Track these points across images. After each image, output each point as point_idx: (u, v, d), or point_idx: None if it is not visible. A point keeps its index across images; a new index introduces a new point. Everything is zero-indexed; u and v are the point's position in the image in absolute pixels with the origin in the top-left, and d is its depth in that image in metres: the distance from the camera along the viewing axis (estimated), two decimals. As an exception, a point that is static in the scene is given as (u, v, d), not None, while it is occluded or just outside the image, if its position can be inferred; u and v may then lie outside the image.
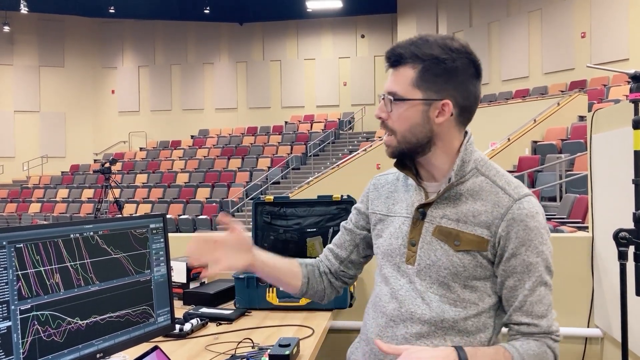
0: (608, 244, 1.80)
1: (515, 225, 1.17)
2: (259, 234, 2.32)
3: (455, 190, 1.22)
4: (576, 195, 6.69)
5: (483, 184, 1.22)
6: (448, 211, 1.22)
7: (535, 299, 1.18)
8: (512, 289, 1.19)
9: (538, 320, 1.18)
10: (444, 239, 1.20)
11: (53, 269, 1.17)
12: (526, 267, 1.18)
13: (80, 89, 20.16)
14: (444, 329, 1.19)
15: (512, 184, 1.23)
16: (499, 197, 1.20)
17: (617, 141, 1.81)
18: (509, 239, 1.17)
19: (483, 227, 1.19)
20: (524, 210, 1.18)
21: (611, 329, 1.91)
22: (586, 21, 13.50)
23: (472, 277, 1.20)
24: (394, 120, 1.22)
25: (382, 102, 1.23)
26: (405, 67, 1.20)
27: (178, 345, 1.61)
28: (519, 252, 1.17)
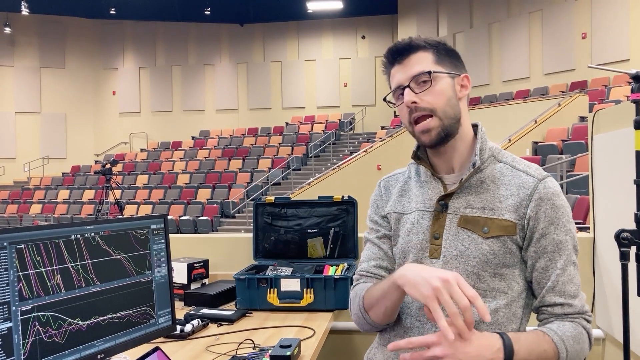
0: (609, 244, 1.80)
1: (543, 205, 1.17)
2: (260, 235, 2.32)
3: (476, 179, 1.21)
4: (577, 196, 6.68)
5: (503, 170, 1.23)
6: (471, 200, 1.21)
7: (566, 278, 1.17)
8: (544, 270, 1.18)
9: (572, 300, 1.17)
10: (472, 228, 1.19)
11: (54, 269, 1.16)
12: (556, 246, 1.17)
13: (81, 90, 20.19)
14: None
15: (532, 166, 1.24)
16: (523, 180, 1.20)
17: (619, 142, 1.81)
18: (539, 219, 1.17)
19: (511, 211, 1.18)
20: (549, 189, 1.19)
21: (613, 330, 1.91)
22: (587, 22, 13.50)
23: (502, 264, 1.18)
24: (429, 98, 1.21)
25: (407, 91, 1.21)
26: (418, 53, 1.23)
27: (179, 346, 1.61)
28: (548, 232, 1.17)
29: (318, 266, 2.16)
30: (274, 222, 2.31)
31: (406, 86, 1.22)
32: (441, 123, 1.21)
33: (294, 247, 2.27)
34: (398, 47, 1.24)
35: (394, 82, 1.25)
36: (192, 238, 2.58)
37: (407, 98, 1.21)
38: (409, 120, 1.24)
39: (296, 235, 2.27)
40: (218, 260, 2.39)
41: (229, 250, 2.42)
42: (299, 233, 2.26)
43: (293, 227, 2.28)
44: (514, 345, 1.08)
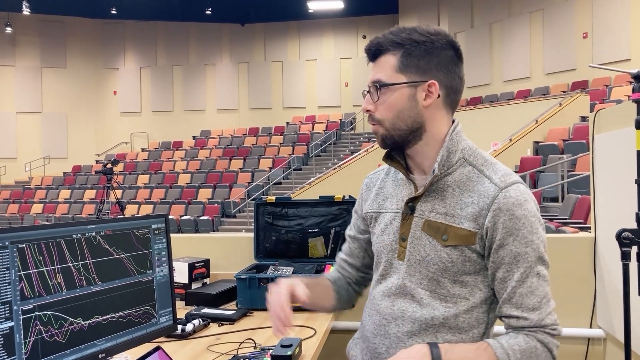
0: (611, 244, 1.80)
1: (501, 215, 1.13)
2: (261, 235, 2.32)
3: (442, 182, 1.19)
4: (578, 196, 6.68)
5: (470, 174, 1.19)
6: (437, 205, 1.19)
7: (525, 290, 1.14)
8: (502, 281, 1.15)
9: (528, 313, 1.14)
10: (433, 234, 1.18)
11: (55, 269, 1.17)
12: (514, 258, 1.14)
13: (82, 89, 20.20)
14: (434, 326, 1.17)
15: (499, 172, 1.19)
16: (485, 187, 1.16)
17: (620, 141, 1.81)
18: (496, 230, 1.14)
19: (470, 220, 1.15)
20: (510, 198, 1.14)
21: (614, 330, 1.91)
22: (588, 21, 13.48)
23: (462, 272, 1.17)
24: (380, 110, 1.20)
25: (367, 96, 1.22)
26: (386, 56, 1.19)
27: (180, 346, 1.61)
28: (506, 243, 1.13)
29: (319, 266, 2.16)
30: (275, 222, 2.31)
31: (366, 92, 1.22)
32: (387, 133, 1.21)
33: (295, 246, 2.27)
34: (369, 47, 1.22)
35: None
36: (193, 238, 2.58)
37: (363, 105, 1.23)
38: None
39: (297, 235, 2.27)
40: (219, 260, 2.39)
41: (230, 250, 2.42)
42: (299, 233, 2.26)
43: (294, 227, 2.28)
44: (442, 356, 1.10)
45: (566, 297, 2.10)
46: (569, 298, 2.09)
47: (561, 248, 2.12)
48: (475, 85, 15.83)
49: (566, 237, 2.22)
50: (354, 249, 1.44)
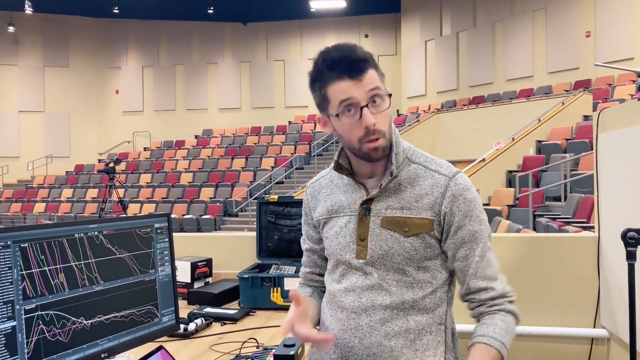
0: (615, 243, 1.79)
1: (456, 200, 1.25)
2: (264, 234, 2.31)
3: (393, 182, 1.28)
4: (581, 195, 6.66)
5: (417, 171, 1.29)
6: (391, 202, 1.27)
7: (485, 263, 1.27)
8: (464, 259, 1.27)
9: (493, 283, 1.26)
10: (393, 228, 1.26)
11: (58, 268, 1.16)
12: (473, 236, 1.26)
13: (84, 89, 20.22)
14: (405, 310, 1.25)
15: (443, 165, 1.31)
16: (435, 179, 1.28)
17: (624, 140, 1.80)
18: (453, 213, 1.25)
19: (427, 209, 1.26)
20: (460, 185, 1.27)
21: (618, 330, 1.90)
22: (591, 20, 13.45)
23: (424, 258, 1.26)
24: (381, 121, 1.23)
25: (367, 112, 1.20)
26: (370, 70, 1.21)
27: (182, 345, 1.61)
28: (464, 224, 1.26)
29: (321, 265, 2.15)
30: (278, 221, 2.30)
31: (364, 106, 1.20)
32: (386, 143, 1.26)
33: (297, 246, 2.26)
34: (353, 59, 1.20)
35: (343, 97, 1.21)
36: (195, 237, 2.58)
37: (368, 120, 1.20)
38: (359, 140, 1.23)
39: (299, 234, 2.26)
40: (221, 259, 2.39)
41: (233, 249, 2.42)
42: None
43: (296, 226, 2.27)
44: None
45: (570, 296, 2.09)
46: (572, 298, 2.08)
47: (564, 247, 2.11)
48: (478, 84, 15.80)
49: (569, 237, 2.21)
50: (315, 259, 1.47)
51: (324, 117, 1.29)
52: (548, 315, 2.08)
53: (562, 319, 2.09)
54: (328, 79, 1.22)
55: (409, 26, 18.08)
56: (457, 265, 1.28)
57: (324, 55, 1.23)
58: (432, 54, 17.10)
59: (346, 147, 1.30)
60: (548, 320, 2.08)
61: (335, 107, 1.22)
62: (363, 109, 1.20)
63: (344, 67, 1.20)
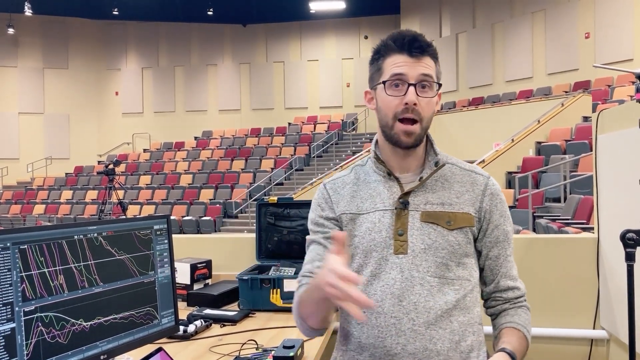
0: (614, 245, 1.79)
1: (494, 199, 1.31)
2: (263, 235, 2.31)
3: (432, 178, 1.30)
4: (580, 196, 6.66)
5: (453, 170, 1.33)
6: (429, 197, 1.29)
7: (511, 264, 1.33)
8: (496, 258, 1.31)
9: (518, 283, 1.33)
10: (435, 221, 1.26)
11: (57, 270, 1.16)
12: (506, 236, 1.32)
13: (84, 90, 20.22)
14: (448, 310, 1.22)
15: (476, 167, 1.38)
16: (473, 178, 1.32)
17: (623, 141, 1.80)
18: (492, 212, 1.30)
19: (469, 205, 1.29)
20: (495, 186, 1.33)
21: (617, 331, 1.90)
22: (590, 21, 13.46)
23: (464, 253, 1.27)
24: (424, 107, 1.25)
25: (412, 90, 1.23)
26: (428, 58, 1.27)
27: (182, 347, 1.61)
28: (499, 223, 1.31)
29: (321, 266, 2.15)
30: (277, 223, 2.30)
31: (412, 84, 1.23)
32: (421, 132, 1.27)
33: (297, 247, 2.26)
34: (419, 39, 1.25)
35: (396, 70, 1.24)
36: (195, 238, 2.58)
37: (411, 97, 1.23)
38: (394, 115, 1.25)
39: (299, 236, 2.26)
40: (221, 261, 2.39)
41: (232, 251, 2.42)
42: (301, 233, 2.26)
43: (296, 228, 2.27)
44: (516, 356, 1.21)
45: (569, 298, 2.09)
46: (572, 299, 2.08)
47: (564, 249, 2.11)
48: (477, 86, 15.81)
49: (569, 238, 2.21)
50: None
51: (372, 91, 1.32)
52: (547, 317, 2.08)
53: (561, 320, 2.09)
54: (389, 50, 1.27)
55: (408, 27, 18.01)
56: (488, 264, 1.31)
57: (393, 32, 1.29)
58: (432, 55, 17.07)
59: (380, 125, 1.31)
60: (547, 321, 2.08)
61: (386, 77, 1.26)
62: (410, 87, 1.23)
63: (406, 43, 1.25)
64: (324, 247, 1.32)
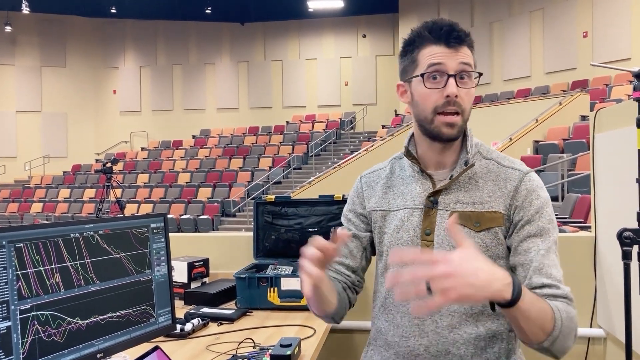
0: (611, 243, 1.79)
1: (529, 196, 1.20)
2: (261, 234, 2.31)
3: (464, 175, 1.23)
4: (578, 195, 6.67)
5: (490, 166, 1.25)
6: (461, 196, 1.22)
7: (551, 262, 1.16)
8: (526, 252, 1.17)
9: (559, 283, 1.14)
10: (463, 222, 1.20)
11: (53, 268, 1.16)
12: (540, 231, 1.18)
13: (81, 89, 20.18)
14: (474, 315, 1.18)
15: (517, 162, 1.27)
16: (509, 174, 1.23)
17: (621, 140, 1.80)
18: (524, 208, 1.19)
19: (500, 203, 1.20)
20: (534, 181, 1.22)
21: (614, 329, 1.90)
22: (588, 20, 13.47)
23: (495, 255, 1.19)
24: (466, 97, 1.20)
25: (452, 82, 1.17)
26: (466, 48, 1.20)
27: (179, 346, 1.61)
28: (533, 219, 1.18)
29: (318, 265, 2.15)
30: (275, 221, 2.30)
31: (452, 75, 1.17)
32: (462, 123, 1.21)
33: (294, 246, 2.26)
34: (456, 28, 1.18)
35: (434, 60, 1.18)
36: (192, 237, 2.58)
37: (452, 89, 1.17)
38: (434, 109, 1.19)
39: (297, 234, 2.26)
40: (218, 259, 2.39)
41: (230, 249, 2.42)
42: (299, 232, 2.26)
43: (294, 226, 2.27)
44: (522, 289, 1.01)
45: (566, 296, 2.09)
46: (569, 297, 2.08)
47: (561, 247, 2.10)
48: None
49: (566, 237, 2.21)
50: (352, 248, 1.35)
51: (405, 83, 1.25)
52: (545, 315, 2.08)
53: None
54: (424, 41, 1.20)
55: (406, 26, 18.02)
56: (517, 260, 1.18)
57: (427, 22, 1.21)
58: (430, 54, 17.09)
59: (417, 119, 1.24)
60: (545, 320, 2.08)
61: (423, 68, 1.20)
62: (449, 78, 1.17)
63: (444, 32, 1.18)
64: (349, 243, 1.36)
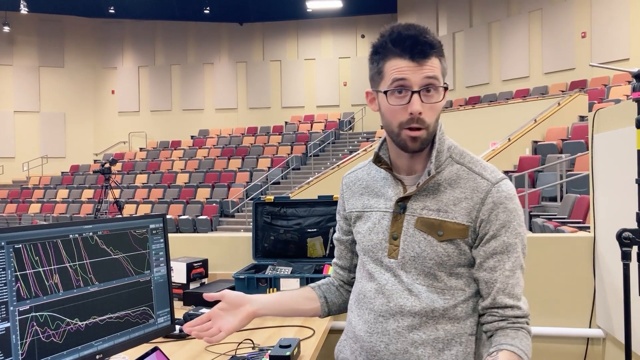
0: (610, 244, 1.79)
1: (495, 209, 1.19)
2: (260, 235, 2.31)
3: (433, 181, 1.22)
4: (577, 195, 6.69)
5: (460, 172, 1.23)
6: (428, 202, 1.22)
7: (515, 281, 1.20)
8: (492, 270, 1.19)
9: (519, 303, 1.20)
10: (427, 230, 1.21)
11: (52, 269, 1.16)
12: (506, 248, 1.19)
13: (80, 89, 20.17)
14: (434, 318, 1.20)
15: (488, 168, 1.24)
16: (477, 183, 1.21)
17: (619, 141, 1.81)
18: (490, 222, 1.19)
19: (464, 214, 1.19)
20: (502, 192, 1.19)
21: (613, 330, 1.90)
22: (586, 21, 13.50)
23: (457, 264, 1.21)
24: (428, 113, 1.17)
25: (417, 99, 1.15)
26: (433, 58, 1.16)
27: (178, 346, 1.60)
28: (499, 234, 1.19)
29: (318, 265, 2.15)
30: (274, 222, 2.30)
31: (416, 91, 1.15)
32: (427, 136, 1.20)
33: (293, 246, 2.26)
34: (421, 41, 1.14)
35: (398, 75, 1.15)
36: (191, 237, 2.57)
37: (415, 107, 1.15)
38: (399, 124, 1.18)
39: (296, 235, 2.26)
40: (217, 260, 2.38)
41: (228, 250, 2.42)
42: (298, 232, 2.26)
43: (292, 227, 2.27)
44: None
45: (565, 297, 2.09)
46: (568, 298, 2.09)
47: (560, 248, 2.12)
48: (474, 85, 15.83)
49: (565, 237, 2.21)
50: (341, 251, 1.46)
51: (373, 92, 1.25)
52: (544, 315, 2.09)
53: (558, 319, 2.09)
54: (389, 53, 1.17)
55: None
56: (482, 276, 1.21)
57: (393, 29, 1.18)
58: (429, 54, 17.10)
59: (386, 129, 1.25)
60: (544, 320, 2.08)
61: (387, 84, 1.18)
62: (414, 95, 1.15)
63: (408, 46, 1.14)
64: (337, 248, 1.47)
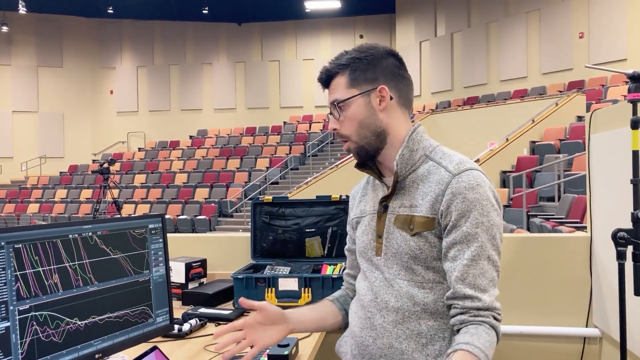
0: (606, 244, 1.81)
1: (454, 199, 1.21)
2: (258, 234, 2.32)
3: (408, 180, 1.30)
4: (574, 195, 6.70)
5: (430, 168, 1.28)
6: (405, 200, 1.29)
7: (477, 271, 1.18)
8: (453, 259, 1.20)
9: (481, 294, 1.18)
10: (402, 226, 1.28)
11: (52, 269, 1.16)
12: (465, 237, 1.19)
13: (78, 89, 20.15)
14: (416, 313, 1.25)
15: (454, 161, 1.26)
16: (441, 175, 1.25)
17: (616, 141, 1.82)
18: (450, 213, 1.21)
19: (428, 207, 1.24)
20: (462, 183, 1.21)
21: (610, 329, 1.92)
22: (584, 21, 13.52)
23: (431, 257, 1.25)
24: (345, 125, 1.31)
25: (331, 117, 1.33)
26: (337, 79, 1.32)
27: (177, 346, 1.61)
28: (459, 224, 1.20)
29: (316, 265, 2.16)
30: (272, 222, 2.31)
31: (330, 113, 1.34)
32: (357, 145, 1.32)
33: (292, 246, 2.27)
34: (322, 72, 1.35)
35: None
36: (190, 237, 2.58)
37: (330, 126, 1.35)
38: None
39: (294, 235, 2.27)
40: (216, 260, 2.39)
41: (227, 250, 2.42)
42: (296, 232, 2.26)
43: (291, 227, 2.28)
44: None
45: (562, 296, 2.10)
46: (565, 297, 2.10)
47: (557, 248, 2.13)
48: (472, 85, 15.85)
49: (562, 237, 2.22)
50: (351, 260, 1.51)
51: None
52: (541, 315, 2.10)
53: (554, 318, 2.10)
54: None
55: (403, 27, 18.11)
56: (446, 266, 1.22)
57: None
58: (427, 54, 17.14)
59: None
60: (541, 319, 2.09)
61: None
62: (329, 115, 1.35)
63: (319, 79, 1.37)
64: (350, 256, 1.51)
